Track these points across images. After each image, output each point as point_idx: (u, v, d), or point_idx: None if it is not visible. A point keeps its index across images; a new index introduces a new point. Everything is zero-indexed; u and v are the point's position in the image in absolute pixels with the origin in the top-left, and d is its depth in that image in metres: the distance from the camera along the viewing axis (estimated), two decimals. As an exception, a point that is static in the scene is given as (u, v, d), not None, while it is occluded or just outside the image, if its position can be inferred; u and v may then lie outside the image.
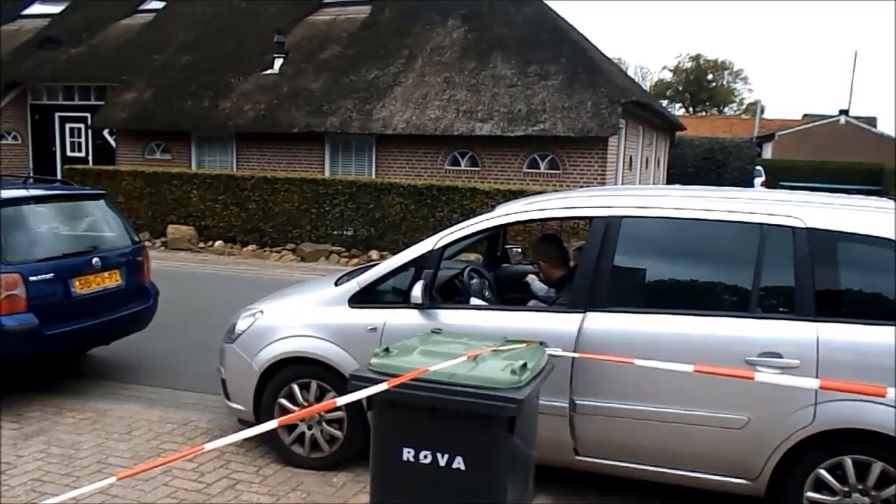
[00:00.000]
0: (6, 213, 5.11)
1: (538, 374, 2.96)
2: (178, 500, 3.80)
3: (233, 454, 4.39)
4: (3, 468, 4.11)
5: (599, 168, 13.14)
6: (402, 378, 2.73)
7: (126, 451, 4.39)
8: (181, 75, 16.53)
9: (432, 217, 11.98)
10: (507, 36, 14.90)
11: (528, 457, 3.05)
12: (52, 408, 5.08)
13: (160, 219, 13.66)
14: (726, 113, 54.94)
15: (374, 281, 4.26)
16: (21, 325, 4.86)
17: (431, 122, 13.69)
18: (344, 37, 16.41)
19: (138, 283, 6.02)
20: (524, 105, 13.37)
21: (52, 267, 5.18)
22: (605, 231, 3.87)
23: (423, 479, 2.82)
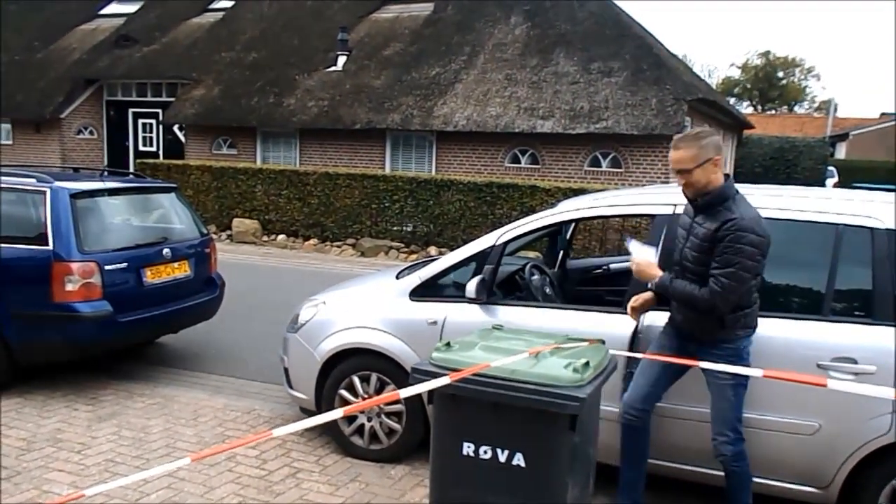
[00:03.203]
0: (83, 204, 5.32)
1: (600, 373, 2.92)
2: (242, 486, 3.89)
3: (294, 443, 4.47)
4: (78, 448, 4.30)
5: (663, 167, 12.87)
6: (463, 373, 2.73)
7: (192, 437, 4.53)
8: (248, 72, 16.93)
9: (491, 214, 11.96)
10: (569, 32, 14.74)
11: (589, 456, 3.01)
12: (124, 392, 5.28)
13: (226, 212, 14.04)
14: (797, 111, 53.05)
15: (436, 275, 4.28)
16: (96, 311, 5.06)
17: (492, 119, 13.65)
18: (406, 34, 16.51)
19: (206, 274, 6.19)
20: (586, 102, 13.20)
21: (126, 257, 5.38)
22: (667, 229, 3.78)
23: (483, 473, 2.82)
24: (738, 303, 3.16)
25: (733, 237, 3.03)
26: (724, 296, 3.08)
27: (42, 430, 4.54)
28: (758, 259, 3.08)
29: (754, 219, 3.11)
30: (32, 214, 5.20)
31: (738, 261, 3.04)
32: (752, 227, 3.06)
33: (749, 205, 3.21)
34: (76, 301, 4.99)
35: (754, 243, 3.05)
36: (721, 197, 3.17)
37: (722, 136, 19.43)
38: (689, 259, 3.26)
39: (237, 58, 17.51)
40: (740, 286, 3.08)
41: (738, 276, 3.05)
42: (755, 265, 3.08)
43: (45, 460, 4.11)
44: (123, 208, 6.02)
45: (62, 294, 4.96)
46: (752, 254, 3.05)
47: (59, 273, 4.96)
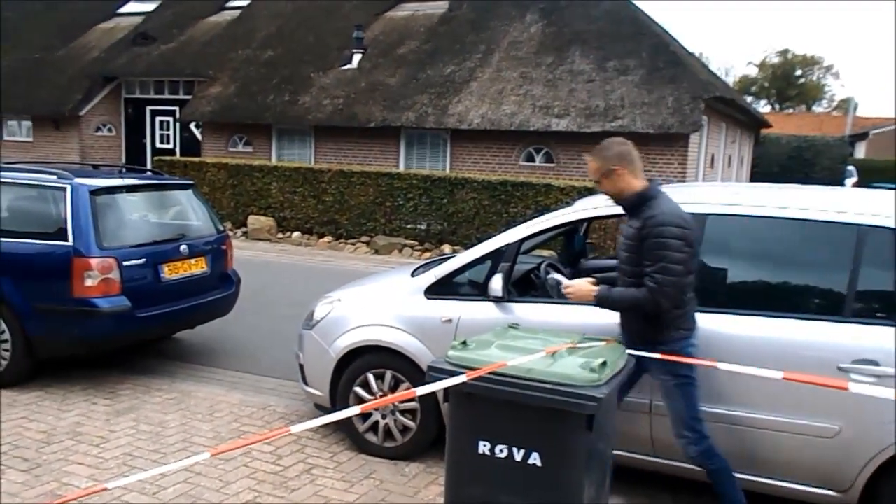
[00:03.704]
0: (103, 200, 5.36)
1: (617, 373, 2.91)
2: (257, 481, 3.91)
3: (308, 439, 4.49)
4: (97, 441, 4.34)
5: (680, 166, 12.79)
6: (480, 371, 2.73)
7: (209, 432, 4.56)
8: (263, 70, 17.00)
9: (506, 212, 11.94)
10: (585, 30, 14.68)
11: (605, 456, 3.00)
12: (142, 387, 5.33)
13: (242, 209, 14.11)
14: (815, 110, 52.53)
15: (451, 273, 4.28)
16: (115, 307, 5.11)
17: (507, 117, 13.63)
18: (421, 32, 16.52)
19: (222, 270, 6.23)
20: (602, 100, 13.14)
21: (144, 253, 5.42)
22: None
23: (499, 472, 2.82)
24: (677, 297, 3.20)
25: (655, 233, 3.13)
26: (662, 291, 3.14)
27: (62, 423, 4.59)
28: (684, 250, 3.15)
29: (674, 213, 3.19)
30: (53, 210, 5.26)
31: (665, 254, 3.12)
32: (672, 221, 3.15)
33: (672, 202, 3.29)
34: (95, 296, 5.04)
35: (676, 235, 3.13)
36: (640, 199, 3.29)
37: (739, 134, 19.31)
38: (622, 260, 3.36)
39: (253, 55, 17.59)
40: (675, 279, 3.14)
41: (668, 270, 3.12)
42: (682, 256, 3.15)
43: (64, 453, 4.16)
44: (141, 205, 6.07)
45: (81, 289, 5.01)
46: (676, 246, 3.13)
47: (79, 269, 5.01)
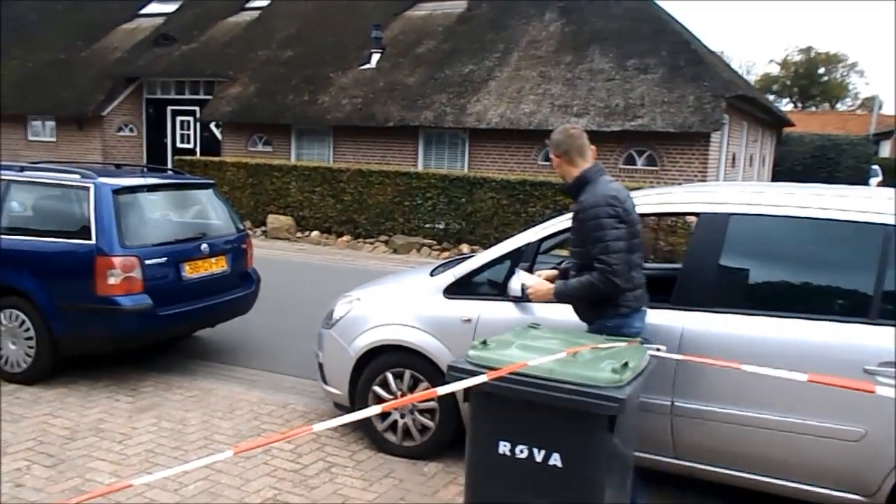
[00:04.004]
0: (125, 199, 5.41)
1: (640, 374, 2.88)
2: (277, 479, 3.93)
3: (328, 438, 4.50)
4: (120, 438, 4.38)
5: (700, 165, 12.68)
6: (501, 371, 2.72)
7: (229, 429, 4.59)
8: (283, 70, 17.10)
9: (524, 212, 11.91)
10: (605, 29, 14.60)
11: (627, 458, 2.98)
12: (163, 384, 5.38)
13: (261, 208, 14.20)
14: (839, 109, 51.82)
15: (470, 272, 4.27)
16: (137, 305, 5.16)
17: (525, 116, 13.59)
18: (440, 31, 16.52)
19: (242, 269, 6.27)
20: (622, 99, 13.07)
21: (166, 251, 5.47)
22: (711, 228, 3.73)
23: (519, 473, 2.80)
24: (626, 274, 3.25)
25: (589, 215, 3.26)
26: (611, 269, 3.21)
27: (85, 419, 4.65)
28: (619, 227, 3.24)
29: (604, 194, 3.29)
30: (76, 210, 5.32)
31: (602, 234, 3.22)
32: (601, 202, 3.26)
33: (607, 185, 3.38)
34: (118, 294, 5.09)
35: (608, 214, 3.23)
36: (577, 183, 3.44)
37: (761, 133, 19.11)
38: (571, 244, 3.48)
39: (273, 56, 17.69)
40: (619, 254, 3.22)
41: (610, 248, 3.21)
42: (619, 232, 3.24)
43: (87, 449, 4.21)
44: (163, 204, 6.12)
45: (105, 287, 5.07)
46: (610, 224, 3.22)
47: (102, 267, 5.07)
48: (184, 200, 6.38)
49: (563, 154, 3.50)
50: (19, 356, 5.26)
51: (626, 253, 3.25)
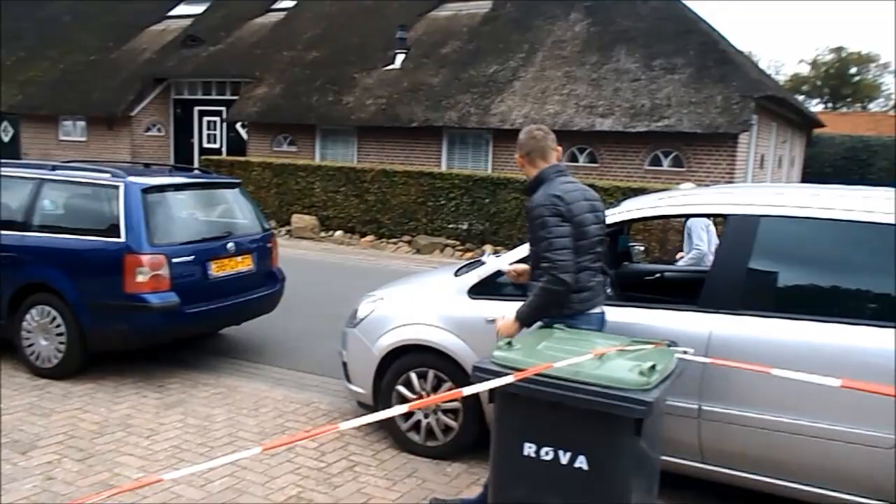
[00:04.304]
0: (153, 198, 5.48)
1: (667, 377, 2.85)
2: (301, 477, 3.96)
3: (351, 437, 4.52)
4: (147, 434, 4.44)
5: (728, 166, 12.53)
6: (526, 372, 2.70)
7: (254, 427, 4.62)
8: (308, 71, 17.20)
9: (548, 213, 11.83)
10: (631, 28, 14.49)
11: (653, 461, 2.95)
12: (189, 381, 5.44)
13: (286, 208, 14.30)
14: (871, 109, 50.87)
15: (495, 273, 4.26)
16: (165, 302, 5.22)
17: (550, 116, 13.52)
18: (464, 32, 16.52)
19: (267, 268, 6.32)
20: (648, 100, 12.96)
21: (193, 250, 5.52)
22: (740, 230, 3.69)
23: (544, 475, 2.79)
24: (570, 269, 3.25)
25: (534, 214, 3.32)
26: (556, 265, 3.23)
27: (113, 415, 4.71)
28: (563, 225, 3.26)
29: (550, 193, 3.32)
30: (106, 208, 5.40)
31: (546, 233, 3.26)
32: (546, 201, 3.29)
33: (558, 185, 3.39)
34: (146, 292, 5.16)
35: (552, 213, 3.26)
36: (533, 183, 3.48)
37: (790, 134, 18.84)
38: (530, 243, 3.49)
39: (298, 56, 17.81)
40: (564, 251, 3.24)
41: (554, 245, 3.24)
42: (563, 230, 3.26)
43: (116, 444, 4.27)
44: (190, 203, 6.18)
45: (133, 285, 5.14)
46: (554, 223, 3.26)
47: (131, 265, 5.14)
48: (210, 200, 6.45)
49: (525, 155, 3.56)
50: (51, 352, 5.35)
51: (572, 251, 3.26)
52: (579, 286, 3.35)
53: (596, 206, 3.50)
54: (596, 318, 3.49)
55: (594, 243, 3.43)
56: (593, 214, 3.45)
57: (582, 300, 3.39)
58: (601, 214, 3.55)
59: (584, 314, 3.41)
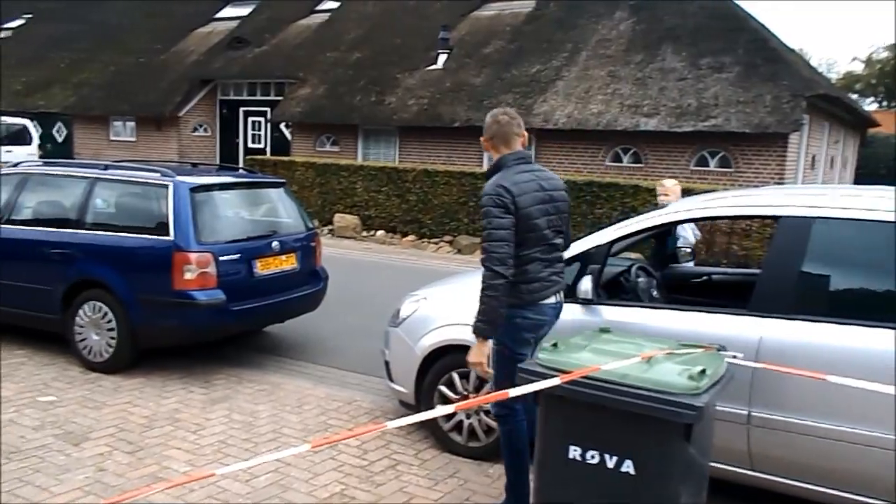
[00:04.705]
0: (201, 197, 5.58)
1: (717, 382, 2.78)
2: (344, 474, 3.98)
3: (393, 435, 4.53)
4: (194, 428, 4.52)
5: (777, 167, 12.24)
6: (573, 375, 2.67)
7: (297, 424, 4.67)
8: (351, 71, 17.35)
9: (591, 214, 11.72)
10: (678, 27, 14.27)
11: (702, 468, 2.88)
12: (234, 378, 5.52)
13: (328, 207, 14.44)
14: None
15: (539, 274, 4.21)
16: (211, 300, 5.31)
17: (594, 116, 13.40)
18: (507, 31, 16.46)
19: (311, 266, 6.37)
20: (694, 99, 12.73)
21: (238, 248, 5.60)
22: (792, 232, 3.58)
23: (590, 478, 2.75)
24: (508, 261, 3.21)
25: (482, 203, 3.28)
26: (488, 255, 3.21)
27: (162, 409, 4.81)
28: (505, 216, 3.21)
29: (497, 184, 3.28)
30: (155, 207, 5.51)
31: (486, 221, 3.24)
32: (492, 191, 3.26)
33: (515, 173, 3.34)
34: (193, 289, 5.25)
35: (495, 203, 3.22)
36: (491, 169, 3.46)
37: (843, 134, 18.31)
38: None
39: (341, 57, 17.98)
40: (500, 243, 3.20)
41: (492, 235, 3.22)
42: (504, 222, 3.21)
43: (164, 438, 4.35)
44: (236, 202, 6.27)
45: (181, 282, 5.23)
46: (496, 213, 3.22)
47: (179, 262, 5.23)
48: (256, 199, 6.53)
49: (489, 139, 3.52)
50: (102, 346, 5.49)
51: (511, 244, 3.21)
52: (529, 277, 3.32)
53: (555, 196, 3.43)
54: (550, 309, 3.44)
55: (546, 235, 3.36)
56: (550, 205, 3.39)
57: (532, 290, 3.34)
58: (561, 205, 3.47)
59: (537, 304, 3.37)
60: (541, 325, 3.40)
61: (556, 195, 3.44)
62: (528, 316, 3.34)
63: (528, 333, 3.36)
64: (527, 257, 3.30)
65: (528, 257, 3.30)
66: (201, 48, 20.95)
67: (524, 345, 3.36)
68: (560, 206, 3.46)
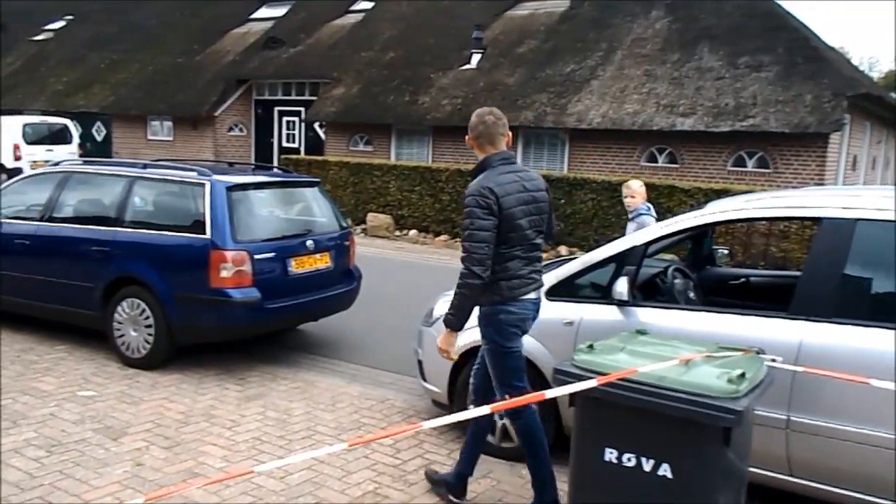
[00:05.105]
0: (237, 196, 5.64)
1: (757, 386, 2.73)
2: (377, 473, 3.99)
3: (426, 435, 4.52)
4: (229, 425, 4.57)
5: (817, 168, 11.97)
6: (610, 377, 2.64)
7: (331, 422, 4.69)
8: (385, 71, 17.41)
9: (625, 214, 11.54)
10: (715, 25, 14.04)
11: (741, 473, 2.83)
12: (269, 375, 5.57)
13: (361, 207, 14.51)
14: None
15: (573, 274, 4.19)
16: (247, 297, 5.36)
17: (629, 116, 13.26)
18: (542, 31, 16.37)
19: (345, 265, 6.41)
20: (732, 98, 12.52)
21: (273, 247, 5.66)
22: (835, 234, 3.50)
23: (626, 481, 2.72)
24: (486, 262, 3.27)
25: (465, 203, 3.34)
26: (470, 256, 3.27)
27: (198, 405, 4.88)
28: (488, 218, 3.26)
29: (481, 185, 3.33)
30: (192, 205, 5.58)
31: (468, 221, 3.30)
32: (475, 192, 3.31)
33: (499, 174, 3.38)
34: (229, 287, 5.32)
35: (478, 204, 3.27)
36: (476, 168, 3.49)
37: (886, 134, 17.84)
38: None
39: (375, 57, 18.05)
40: (480, 244, 3.26)
41: (473, 236, 3.27)
42: (486, 223, 3.27)
43: (200, 434, 4.41)
44: (271, 201, 6.33)
45: (217, 280, 5.30)
46: (479, 213, 3.27)
47: (216, 260, 5.30)
48: (291, 198, 6.59)
49: (474, 139, 3.55)
50: (139, 343, 5.58)
51: (491, 243, 3.27)
52: (509, 274, 3.38)
53: (537, 197, 3.49)
54: (530, 304, 3.49)
55: (527, 234, 3.43)
56: (532, 206, 3.44)
57: (512, 287, 3.40)
58: (543, 205, 3.53)
59: (516, 300, 3.42)
60: (524, 319, 3.48)
61: (538, 196, 3.50)
62: (511, 311, 3.42)
63: (513, 328, 3.44)
64: (508, 255, 3.38)
65: (509, 255, 3.37)
66: (237, 48, 21.21)
67: (512, 338, 3.45)
68: (542, 207, 3.53)
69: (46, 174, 6.59)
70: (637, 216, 6.27)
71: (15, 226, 6.28)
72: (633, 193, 6.36)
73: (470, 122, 3.56)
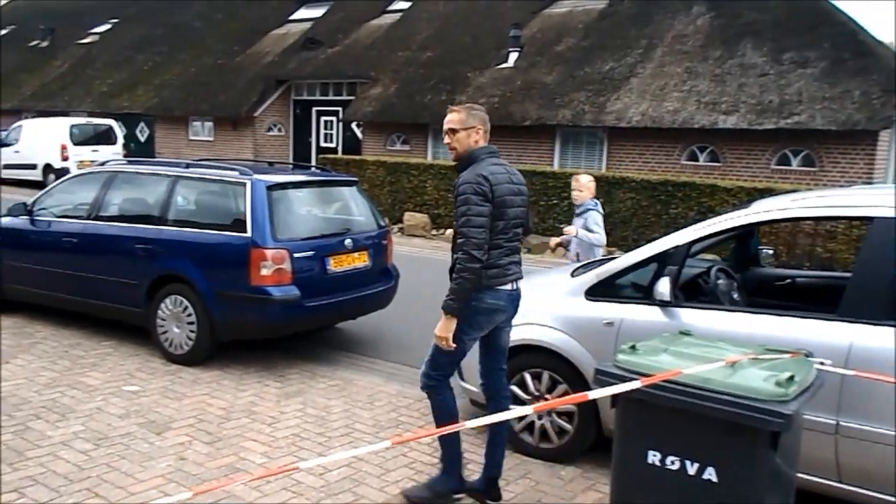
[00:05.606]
0: (277, 195, 5.69)
1: (806, 390, 2.65)
2: (415, 472, 3.99)
3: (464, 434, 4.47)
4: (269, 421, 4.62)
5: (865, 166, 11.65)
6: (654, 378, 2.59)
7: (369, 420, 4.71)
8: (422, 71, 17.45)
9: (665, 214, 11.44)
10: (758, 21, 13.76)
11: (789, 478, 2.75)
12: (308, 372, 5.62)
13: (398, 206, 14.56)
14: None
15: (614, 274, 4.14)
16: (286, 295, 5.42)
17: (669, 114, 13.07)
18: (580, 28, 16.24)
19: (382, 264, 6.43)
20: (776, 95, 12.26)
21: (312, 246, 5.70)
22: (889, 234, 3.39)
23: (669, 485, 2.66)
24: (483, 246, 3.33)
25: (459, 192, 3.39)
26: (469, 242, 3.32)
27: (238, 401, 4.94)
28: (484, 205, 3.33)
29: (476, 173, 3.39)
30: (233, 204, 5.66)
31: (465, 208, 3.34)
32: (471, 180, 3.36)
33: (490, 165, 3.46)
34: (269, 285, 5.37)
35: (475, 191, 3.33)
36: (468, 159, 3.52)
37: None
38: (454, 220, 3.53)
39: (412, 57, 18.11)
40: (478, 229, 3.33)
41: (471, 222, 3.33)
42: (482, 209, 3.33)
43: (241, 429, 4.47)
44: (310, 200, 6.38)
45: (258, 278, 5.36)
46: (475, 201, 3.33)
47: (256, 259, 5.36)
48: (329, 197, 6.63)
49: (479, 127, 3.63)
50: (182, 339, 5.68)
51: (487, 230, 3.35)
52: (489, 263, 3.42)
53: (521, 190, 3.59)
54: (506, 295, 3.54)
55: (512, 225, 3.51)
56: (518, 198, 3.54)
57: (490, 276, 3.44)
58: (525, 198, 3.62)
59: (493, 289, 3.48)
60: (495, 310, 3.53)
61: (521, 189, 3.60)
62: (485, 300, 3.46)
63: (482, 317, 3.50)
64: (492, 244, 3.43)
65: (492, 244, 3.43)
66: (276, 49, 21.48)
67: (475, 328, 3.52)
68: (524, 200, 3.62)
69: (92, 174, 6.75)
70: (584, 211, 6.20)
71: (63, 224, 6.45)
72: (581, 188, 6.25)
73: (458, 116, 3.61)
